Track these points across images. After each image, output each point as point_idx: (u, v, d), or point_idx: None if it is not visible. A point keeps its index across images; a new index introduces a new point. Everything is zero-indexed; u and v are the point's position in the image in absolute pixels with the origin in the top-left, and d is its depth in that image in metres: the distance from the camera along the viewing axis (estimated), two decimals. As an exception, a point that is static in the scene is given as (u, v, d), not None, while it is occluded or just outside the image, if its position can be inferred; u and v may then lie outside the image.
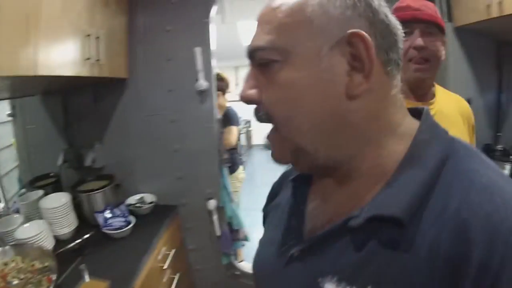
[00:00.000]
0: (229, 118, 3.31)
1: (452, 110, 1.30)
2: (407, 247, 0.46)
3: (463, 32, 2.19)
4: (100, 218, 2.06)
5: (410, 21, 1.17)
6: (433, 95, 1.30)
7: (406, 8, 1.20)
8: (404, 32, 1.04)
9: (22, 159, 2.20)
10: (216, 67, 2.54)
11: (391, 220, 0.47)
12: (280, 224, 0.68)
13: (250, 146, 10.10)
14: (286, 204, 0.70)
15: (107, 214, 2.10)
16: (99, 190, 2.17)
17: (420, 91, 1.26)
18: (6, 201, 1.98)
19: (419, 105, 1.07)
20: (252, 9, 3.53)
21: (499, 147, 2.17)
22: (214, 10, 2.36)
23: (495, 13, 1.81)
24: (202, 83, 2.40)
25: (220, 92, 3.26)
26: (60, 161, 2.33)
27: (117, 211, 2.14)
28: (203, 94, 2.45)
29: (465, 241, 0.42)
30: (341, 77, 0.50)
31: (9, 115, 2.09)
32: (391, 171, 0.52)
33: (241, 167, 3.57)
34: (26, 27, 1.27)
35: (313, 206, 0.63)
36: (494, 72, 2.47)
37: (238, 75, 10.60)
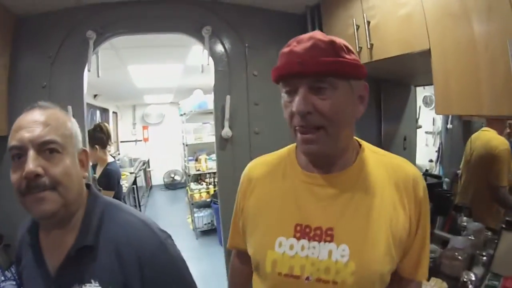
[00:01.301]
0: (108, 180, 3.07)
1: (380, 180, 0.95)
2: (97, 259, 0.92)
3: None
4: (-5, 282, 1.94)
5: (292, 77, 0.87)
6: (346, 164, 0.97)
7: (289, 55, 0.87)
8: (287, 92, 0.91)
9: None
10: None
11: (88, 248, 0.92)
12: (35, 274, 0.96)
13: (149, 186, 9.75)
14: (31, 260, 0.98)
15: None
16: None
17: (321, 163, 0.97)
18: None
19: (325, 178, 0.95)
20: (139, 56, 3.56)
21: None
22: (87, 67, 2.35)
23: (366, 59, 1.86)
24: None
25: (97, 147, 3.06)
26: None
27: (8, 274, 2.05)
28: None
29: (126, 255, 0.93)
30: (80, 168, 0.97)
31: None
32: (79, 223, 0.95)
33: None
34: None
35: (48, 252, 0.96)
36: (373, 108, 2.69)
37: (135, 114, 10.37)
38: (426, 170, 2.71)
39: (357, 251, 0.88)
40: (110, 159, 3.18)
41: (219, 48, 2.53)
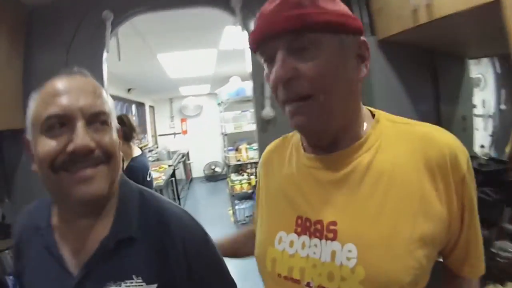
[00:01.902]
0: (130, 176, 2.87)
1: (403, 157, 0.72)
2: (138, 253, 0.79)
3: (388, 45, 2.03)
4: (10, 282, 1.82)
5: (265, 42, 0.72)
6: (353, 139, 0.76)
7: (259, 19, 0.74)
8: (265, 61, 0.76)
9: None
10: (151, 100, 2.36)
11: (126, 239, 0.78)
12: (47, 274, 0.79)
13: (189, 179, 9.76)
14: (38, 258, 0.82)
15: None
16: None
17: (321, 141, 0.79)
18: None
19: (326, 159, 0.78)
20: (167, 42, 3.43)
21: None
22: (105, 55, 2.24)
23: (423, 19, 1.52)
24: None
25: (120, 141, 2.91)
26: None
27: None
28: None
29: (169, 239, 0.81)
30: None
31: None
32: (114, 210, 0.81)
33: None
34: None
35: (66, 247, 0.79)
36: (429, 84, 2.34)
37: (172, 107, 10.40)
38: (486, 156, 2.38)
39: (368, 253, 0.68)
40: (136, 153, 2.98)
41: (254, 19, 2.28)
